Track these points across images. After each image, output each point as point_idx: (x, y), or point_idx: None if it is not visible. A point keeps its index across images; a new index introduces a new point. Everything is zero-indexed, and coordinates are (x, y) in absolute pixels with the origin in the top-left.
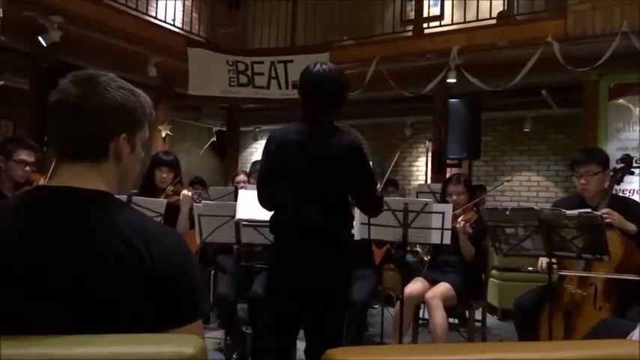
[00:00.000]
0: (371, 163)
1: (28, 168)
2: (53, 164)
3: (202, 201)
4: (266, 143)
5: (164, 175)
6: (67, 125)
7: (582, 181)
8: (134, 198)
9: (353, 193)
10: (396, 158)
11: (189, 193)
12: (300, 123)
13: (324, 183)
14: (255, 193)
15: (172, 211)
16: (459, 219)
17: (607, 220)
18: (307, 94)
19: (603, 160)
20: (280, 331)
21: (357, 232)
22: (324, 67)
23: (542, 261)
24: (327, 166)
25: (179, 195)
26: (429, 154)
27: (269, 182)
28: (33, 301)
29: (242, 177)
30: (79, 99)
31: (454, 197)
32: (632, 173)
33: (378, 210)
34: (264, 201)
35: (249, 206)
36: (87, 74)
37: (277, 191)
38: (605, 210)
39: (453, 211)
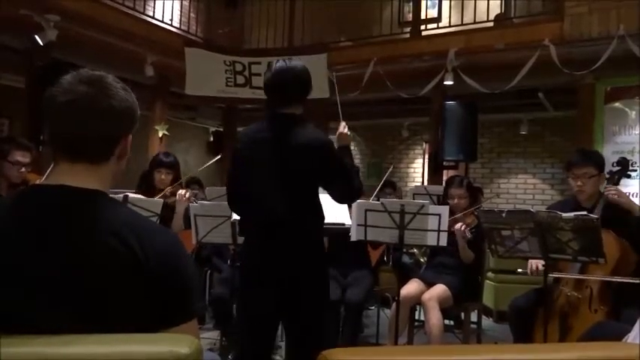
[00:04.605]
0: (367, 164)
1: (23, 169)
2: (52, 164)
3: (199, 201)
4: (234, 145)
5: (163, 177)
6: (78, 125)
7: (579, 182)
8: (130, 197)
9: (326, 184)
10: (390, 170)
11: (187, 194)
12: (266, 120)
13: (293, 177)
14: None
15: (168, 211)
16: (460, 224)
17: (614, 198)
18: (270, 89)
19: (600, 163)
20: (256, 334)
21: (354, 233)
22: (285, 62)
23: (532, 263)
24: (295, 160)
25: (176, 196)
26: (426, 156)
27: (238, 183)
28: (31, 300)
29: None
30: (92, 100)
31: (455, 200)
32: (629, 176)
33: (356, 197)
34: (235, 203)
35: None
36: (95, 75)
37: (246, 189)
38: (612, 189)
39: (453, 214)
